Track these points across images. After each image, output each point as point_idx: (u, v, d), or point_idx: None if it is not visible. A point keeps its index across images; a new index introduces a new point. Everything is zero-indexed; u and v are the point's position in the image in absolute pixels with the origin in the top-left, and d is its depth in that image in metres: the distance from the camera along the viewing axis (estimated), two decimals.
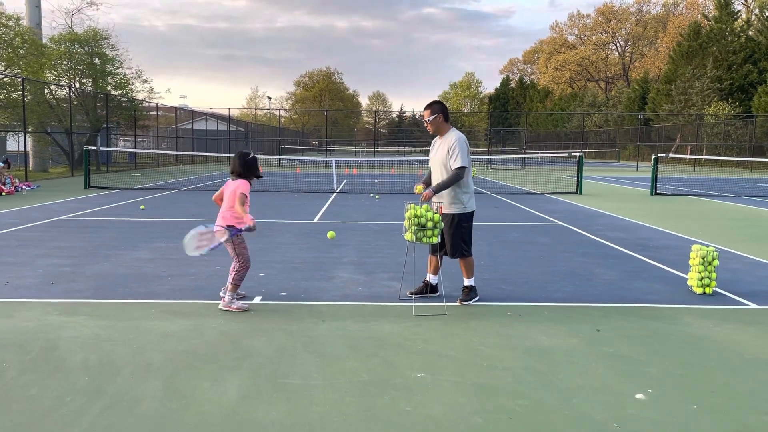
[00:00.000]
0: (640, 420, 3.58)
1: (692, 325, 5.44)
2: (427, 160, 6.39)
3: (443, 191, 5.86)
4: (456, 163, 5.80)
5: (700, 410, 3.72)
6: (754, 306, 6.11)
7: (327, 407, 3.68)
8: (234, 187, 5.69)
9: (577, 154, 20.32)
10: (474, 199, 6.07)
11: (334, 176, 22.10)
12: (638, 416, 3.63)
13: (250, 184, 5.78)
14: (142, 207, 13.37)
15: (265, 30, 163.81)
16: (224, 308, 5.64)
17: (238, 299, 5.81)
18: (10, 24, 23.92)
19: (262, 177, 5.93)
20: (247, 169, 5.75)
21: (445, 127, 6.00)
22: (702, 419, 3.60)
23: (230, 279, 5.72)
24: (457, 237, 5.93)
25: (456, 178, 5.80)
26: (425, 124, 6.04)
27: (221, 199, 5.82)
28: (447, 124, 6.01)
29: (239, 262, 5.72)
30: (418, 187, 5.99)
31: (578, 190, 19.10)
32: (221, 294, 5.88)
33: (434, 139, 6.17)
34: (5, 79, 23.30)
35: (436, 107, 5.97)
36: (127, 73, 31.16)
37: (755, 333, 5.24)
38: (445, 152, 5.88)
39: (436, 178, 6.00)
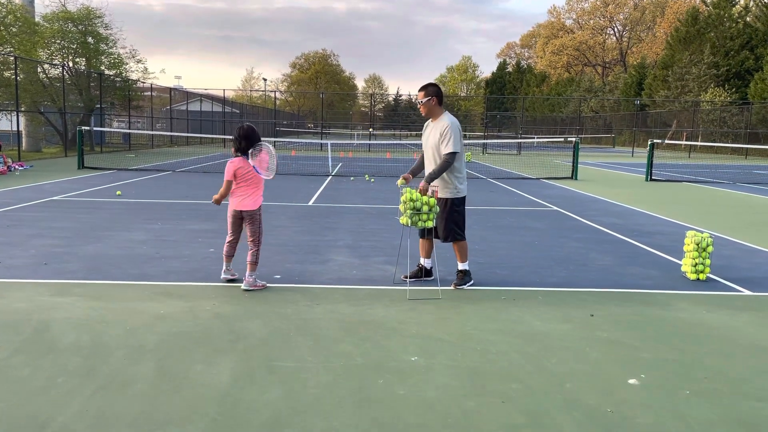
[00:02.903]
0: (633, 405, 3.59)
1: (686, 311, 5.45)
2: (420, 144, 6.34)
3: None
4: (447, 149, 5.76)
5: (693, 396, 3.73)
6: (747, 292, 6.13)
7: (320, 390, 3.67)
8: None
9: (573, 139, 20.28)
10: (466, 183, 6.06)
11: (330, 159, 22.02)
12: (631, 401, 3.63)
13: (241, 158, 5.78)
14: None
15: (263, 11, 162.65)
16: (250, 288, 5.71)
17: (230, 278, 5.94)
18: (2, 1, 23.60)
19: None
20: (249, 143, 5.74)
21: (438, 111, 5.94)
22: (695, 405, 3.61)
23: (248, 259, 5.77)
24: (449, 221, 5.91)
25: (446, 165, 5.76)
26: (418, 106, 5.99)
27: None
28: (440, 107, 5.95)
29: (259, 240, 5.85)
30: (400, 181, 5.91)
31: (573, 175, 19.09)
32: (222, 277, 5.97)
33: (427, 122, 6.13)
34: None
35: (431, 89, 5.91)
36: (121, 52, 30.90)
37: (748, 319, 5.26)
38: (437, 136, 5.85)
39: (429, 162, 5.97)
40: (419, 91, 5.95)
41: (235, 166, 5.74)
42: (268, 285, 5.86)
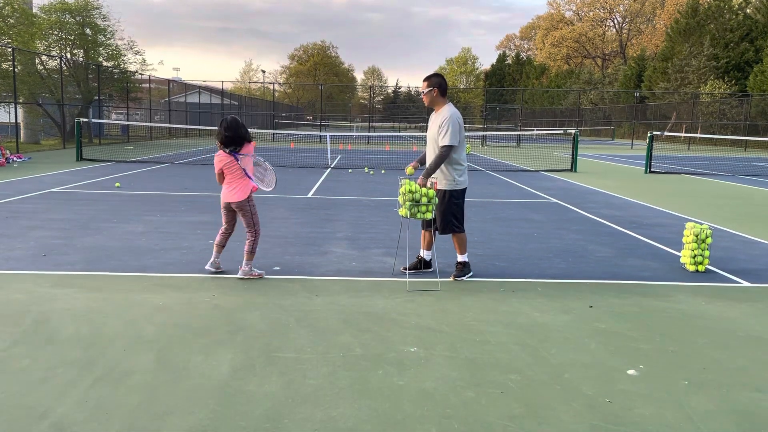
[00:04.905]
0: (632, 395, 3.59)
1: (685, 302, 5.46)
2: (425, 137, 6.33)
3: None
4: (444, 141, 5.73)
5: (692, 386, 3.74)
6: (746, 284, 6.13)
7: (320, 381, 3.67)
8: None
9: (573, 131, 20.26)
10: (467, 175, 6.02)
11: (329, 151, 21.99)
12: (630, 392, 3.64)
13: (224, 151, 5.75)
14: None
15: (262, 2, 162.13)
16: (244, 277, 5.74)
17: (214, 270, 5.96)
18: None
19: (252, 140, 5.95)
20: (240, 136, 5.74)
21: (441, 102, 5.91)
22: (693, 395, 3.62)
23: (245, 248, 5.80)
24: (448, 213, 5.90)
25: (441, 159, 5.74)
26: (422, 96, 5.98)
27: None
28: (443, 98, 5.91)
29: (255, 230, 5.84)
30: (409, 169, 5.93)
31: (573, 167, 19.07)
32: (207, 267, 5.97)
33: (432, 113, 6.11)
34: None
35: (434, 80, 5.87)
36: (119, 44, 30.80)
37: (747, 310, 5.26)
38: (436, 128, 5.83)
39: (430, 154, 5.96)
40: (423, 81, 5.93)
41: (221, 161, 5.73)
42: (266, 276, 5.86)
